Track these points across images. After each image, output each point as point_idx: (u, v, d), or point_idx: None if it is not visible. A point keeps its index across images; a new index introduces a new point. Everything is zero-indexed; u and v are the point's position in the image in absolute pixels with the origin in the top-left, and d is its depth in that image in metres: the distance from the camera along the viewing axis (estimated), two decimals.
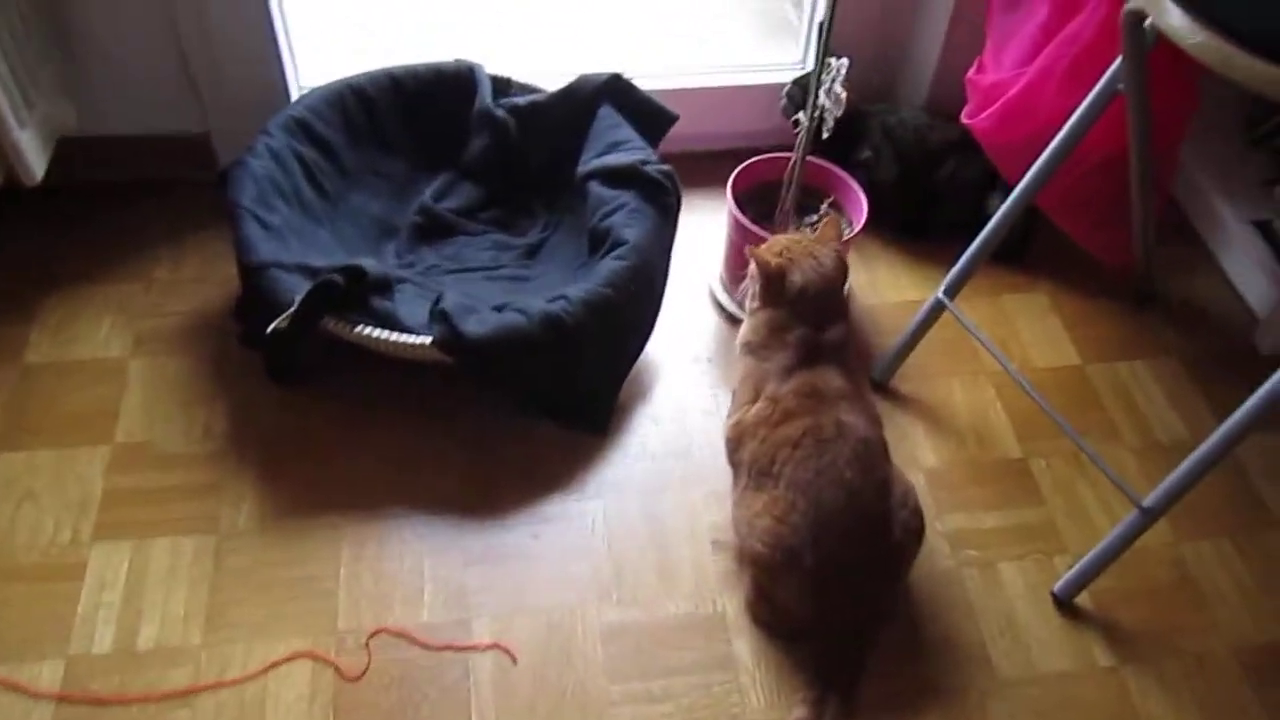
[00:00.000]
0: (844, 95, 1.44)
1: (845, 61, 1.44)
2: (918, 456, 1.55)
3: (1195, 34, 1.08)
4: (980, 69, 1.60)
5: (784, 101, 1.79)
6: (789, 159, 1.67)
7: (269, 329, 1.36)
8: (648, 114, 1.69)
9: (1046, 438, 1.59)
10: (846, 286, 1.45)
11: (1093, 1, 1.41)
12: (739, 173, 1.64)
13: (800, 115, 1.50)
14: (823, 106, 1.46)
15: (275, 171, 1.56)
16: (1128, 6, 1.22)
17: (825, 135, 1.50)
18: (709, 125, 1.88)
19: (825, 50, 1.41)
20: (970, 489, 1.53)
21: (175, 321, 1.65)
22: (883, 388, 1.64)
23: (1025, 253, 1.82)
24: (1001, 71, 1.56)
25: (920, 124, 1.76)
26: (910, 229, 1.80)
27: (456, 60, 1.73)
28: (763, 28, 2.41)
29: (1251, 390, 1.18)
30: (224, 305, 1.66)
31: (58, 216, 1.77)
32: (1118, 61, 1.32)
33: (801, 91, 1.77)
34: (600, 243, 1.54)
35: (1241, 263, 1.80)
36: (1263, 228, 1.78)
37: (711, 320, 1.73)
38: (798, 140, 1.52)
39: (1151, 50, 1.29)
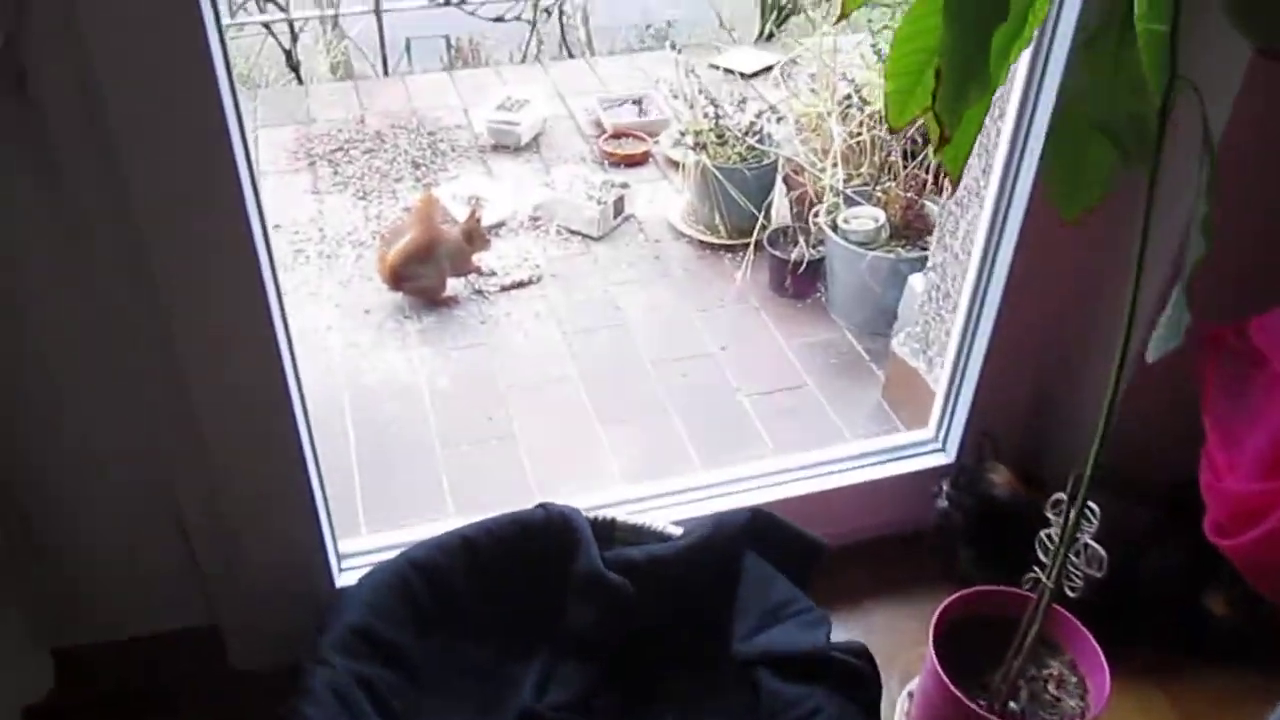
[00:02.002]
0: (1104, 555, 1.12)
1: (1097, 509, 1.13)
2: None
3: None
4: (1215, 471, 1.30)
5: (944, 504, 1.47)
6: (986, 595, 1.34)
7: None
8: (796, 551, 1.34)
9: None
10: None
11: None
12: (937, 616, 1.29)
13: (1041, 576, 1.16)
14: (1070, 561, 1.14)
15: (341, 717, 1.15)
16: None
17: (1071, 595, 1.17)
18: (832, 525, 1.54)
19: (1083, 498, 1.09)
20: None
21: None
22: None
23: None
24: (1244, 474, 1.26)
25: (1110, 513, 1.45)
26: (1110, 640, 1.46)
27: (543, 506, 1.37)
28: (838, 369, 2.16)
29: None
30: None
31: None
32: None
33: (962, 494, 1.46)
34: None
35: None
36: None
37: None
38: (1035, 601, 1.18)
39: None
